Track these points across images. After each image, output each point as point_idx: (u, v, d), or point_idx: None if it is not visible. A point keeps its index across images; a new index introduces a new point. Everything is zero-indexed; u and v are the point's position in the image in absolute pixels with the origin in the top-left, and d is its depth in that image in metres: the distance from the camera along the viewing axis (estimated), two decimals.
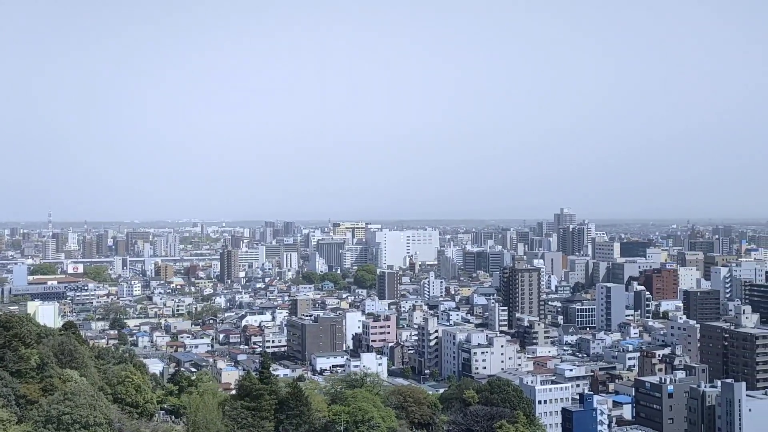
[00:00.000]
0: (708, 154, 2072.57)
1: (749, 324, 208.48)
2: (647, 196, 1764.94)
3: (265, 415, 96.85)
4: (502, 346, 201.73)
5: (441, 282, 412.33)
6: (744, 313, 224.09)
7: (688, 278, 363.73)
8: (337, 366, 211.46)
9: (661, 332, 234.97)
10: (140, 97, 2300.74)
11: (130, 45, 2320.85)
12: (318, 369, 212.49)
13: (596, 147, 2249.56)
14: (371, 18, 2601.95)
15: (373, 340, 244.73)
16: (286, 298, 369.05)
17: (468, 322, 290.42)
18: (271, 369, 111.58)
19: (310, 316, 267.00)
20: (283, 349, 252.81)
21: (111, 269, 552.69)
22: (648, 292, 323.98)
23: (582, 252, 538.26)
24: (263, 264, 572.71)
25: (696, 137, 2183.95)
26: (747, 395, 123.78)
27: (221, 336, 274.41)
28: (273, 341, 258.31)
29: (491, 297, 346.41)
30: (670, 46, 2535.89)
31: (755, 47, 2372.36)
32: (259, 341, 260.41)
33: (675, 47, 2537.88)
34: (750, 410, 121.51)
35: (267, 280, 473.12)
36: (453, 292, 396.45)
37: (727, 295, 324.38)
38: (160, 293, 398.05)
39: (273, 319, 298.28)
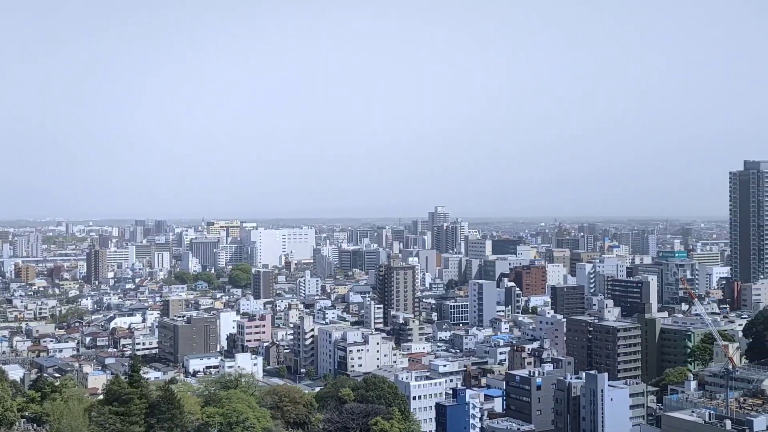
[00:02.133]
0: (575, 156, 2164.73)
1: (611, 317, 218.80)
2: (518, 195, 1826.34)
3: (134, 420, 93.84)
4: (377, 344, 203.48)
5: (317, 280, 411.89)
6: (606, 307, 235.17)
7: (556, 274, 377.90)
8: (211, 367, 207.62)
9: (531, 327, 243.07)
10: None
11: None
12: (191, 371, 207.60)
13: (470, 147, 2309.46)
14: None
15: (248, 340, 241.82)
16: (158, 298, 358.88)
17: (344, 320, 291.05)
18: (141, 372, 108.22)
19: (183, 316, 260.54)
20: (154, 351, 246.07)
21: None
22: (518, 289, 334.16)
23: (455, 250, 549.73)
24: (133, 264, 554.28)
25: (565, 140, 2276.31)
26: (609, 385, 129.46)
27: (88, 339, 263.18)
28: (144, 343, 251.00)
29: (367, 295, 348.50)
30: (553, 45, 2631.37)
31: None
32: (129, 344, 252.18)
33: (560, 45, 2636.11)
34: (612, 399, 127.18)
35: (137, 280, 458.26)
36: (329, 291, 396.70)
37: (592, 290, 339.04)
38: (20, 296, 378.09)
39: (144, 320, 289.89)
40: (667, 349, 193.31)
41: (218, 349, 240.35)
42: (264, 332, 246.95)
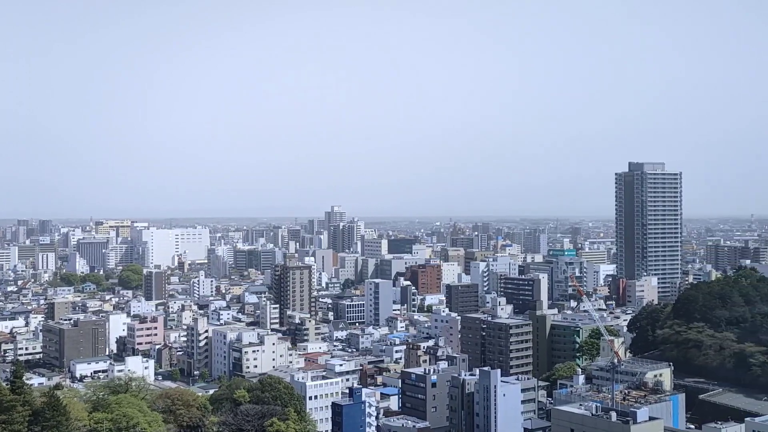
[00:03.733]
0: (468, 156, 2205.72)
1: (504, 315, 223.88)
2: (413, 194, 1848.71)
3: (17, 429, 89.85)
4: (273, 344, 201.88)
5: (211, 281, 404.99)
6: (499, 304, 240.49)
7: (451, 273, 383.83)
8: (99, 372, 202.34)
9: (426, 325, 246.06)
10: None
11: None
12: (78, 376, 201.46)
13: (366, 146, 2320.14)
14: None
15: (139, 343, 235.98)
16: (42, 301, 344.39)
17: (239, 320, 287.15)
18: (24, 378, 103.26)
19: (70, 319, 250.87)
20: (38, 356, 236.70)
21: None
22: (414, 287, 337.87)
23: (352, 249, 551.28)
24: (15, 265, 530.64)
25: (458, 140, 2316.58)
26: (501, 381, 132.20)
27: None
28: (27, 348, 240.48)
29: (262, 295, 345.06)
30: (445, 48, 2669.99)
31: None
32: (11, 349, 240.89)
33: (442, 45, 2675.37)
34: (504, 395, 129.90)
35: (20, 282, 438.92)
36: (224, 291, 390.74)
37: (485, 288, 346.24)
38: None
39: (27, 324, 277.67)
40: (557, 344, 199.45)
41: (107, 353, 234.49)
42: (156, 334, 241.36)
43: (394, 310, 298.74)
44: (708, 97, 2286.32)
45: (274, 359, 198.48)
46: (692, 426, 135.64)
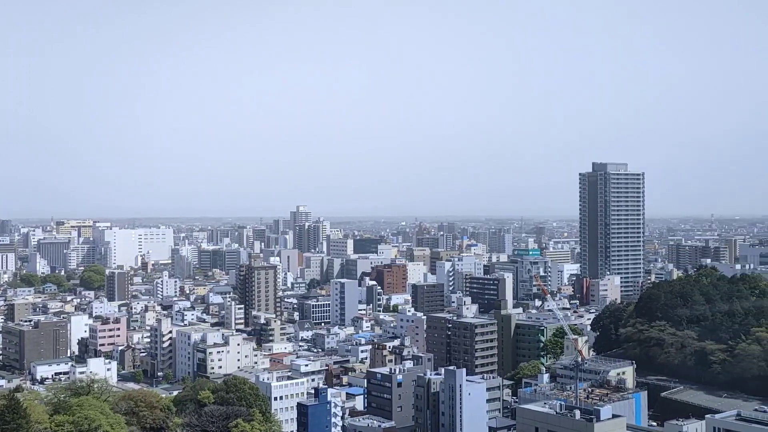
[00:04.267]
0: (435, 157, 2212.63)
1: (469, 314, 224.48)
2: (379, 194, 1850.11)
3: None
4: (238, 345, 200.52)
5: (175, 281, 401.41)
6: (465, 304, 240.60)
7: (416, 273, 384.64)
8: (60, 374, 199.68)
9: (392, 325, 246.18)
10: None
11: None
12: (39, 378, 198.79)
13: (331, 146, 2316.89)
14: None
15: (102, 344, 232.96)
16: (2, 302, 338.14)
17: (204, 321, 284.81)
18: None
19: (30, 321, 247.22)
20: None
21: None
22: (379, 287, 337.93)
23: (317, 249, 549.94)
24: None
25: (423, 140, 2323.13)
26: (467, 380, 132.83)
27: None
28: None
29: (227, 295, 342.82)
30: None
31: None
32: None
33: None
34: (470, 394, 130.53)
35: None
36: (188, 292, 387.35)
37: (451, 288, 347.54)
38: None
39: None
40: (522, 343, 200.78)
41: (69, 355, 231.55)
42: (119, 336, 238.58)
43: (359, 310, 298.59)
44: (670, 100, 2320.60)
45: (239, 360, 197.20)
46: (654, 423, 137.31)
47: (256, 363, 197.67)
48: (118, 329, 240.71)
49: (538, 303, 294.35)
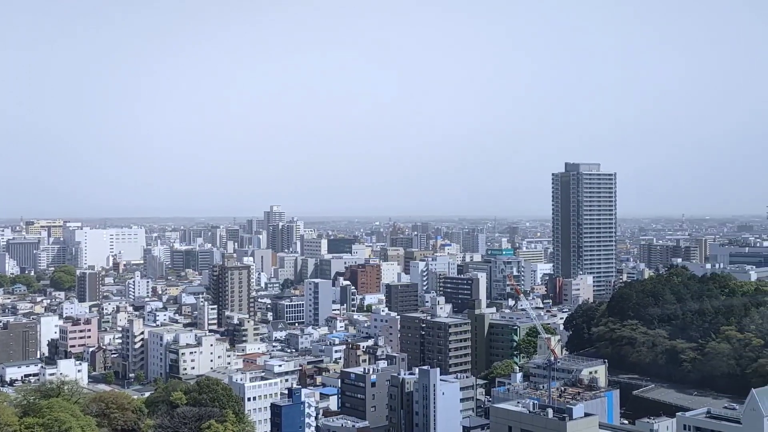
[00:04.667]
0: (408, 157, 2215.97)
1: (443, 314, 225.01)
2: (353, 195, 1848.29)
3: None
4: (211, 345, 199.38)
5: (147, 282, 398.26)
6: (439, 303, 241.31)
7: (390, 272, 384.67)
8: (30, 375, 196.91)
9: (366, 325, 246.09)
10: None
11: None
12: (8, 380, 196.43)
13: (304, 146, 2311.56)
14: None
15: (72, 346, 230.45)
16: None
17: (176, 322, 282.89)
18: None
19: None
20: None
21: None
22: (353, 287, 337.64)
23: (291, 249, 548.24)
24: None
25: (395, 140, 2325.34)
26: (441, 380, 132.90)
27: None
28: None
29: (200, 296, 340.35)
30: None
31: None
32: None
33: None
34: (443, 393, 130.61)
35: None
36: (160, 292, 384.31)
37: (425, 288, 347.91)
38: None
39: None
40: (496, 343, 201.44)
41: (38, 356, 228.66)
42: (90, 337, 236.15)
43: (333, 310, 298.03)
44: (640, 100, 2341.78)
45: (212, 360, 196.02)
46: (626, 421, 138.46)
47: (229, 364, 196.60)
48: (89, 330, 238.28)
49: (511, 302, 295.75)
